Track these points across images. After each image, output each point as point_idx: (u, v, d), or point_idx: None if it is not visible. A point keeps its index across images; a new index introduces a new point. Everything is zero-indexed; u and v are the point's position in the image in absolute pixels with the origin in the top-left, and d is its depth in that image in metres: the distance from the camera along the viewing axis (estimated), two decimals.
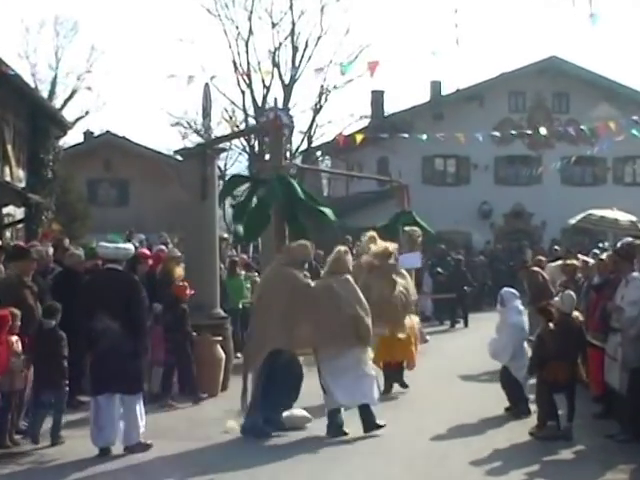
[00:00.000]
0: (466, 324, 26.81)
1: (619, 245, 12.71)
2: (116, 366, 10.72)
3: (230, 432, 11.95)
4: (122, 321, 10.86)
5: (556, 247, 29.54)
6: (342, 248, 12.54)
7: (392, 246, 14.86)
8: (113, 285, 11.04)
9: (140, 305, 11.17)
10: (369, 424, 11.83)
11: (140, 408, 11.05)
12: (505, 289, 13.96)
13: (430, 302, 27.77)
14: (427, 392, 15.16)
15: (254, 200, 13.49)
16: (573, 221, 23.44)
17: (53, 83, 41.81)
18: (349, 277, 12.20)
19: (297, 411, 12.48)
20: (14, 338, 11.17)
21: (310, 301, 11.81)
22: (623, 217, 21.91)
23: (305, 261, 12.60)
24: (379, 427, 11.86)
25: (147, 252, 16.69)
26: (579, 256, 17.55)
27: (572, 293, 12.21)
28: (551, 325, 11.72)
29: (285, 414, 12.34)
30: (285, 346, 11.86)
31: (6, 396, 11.09)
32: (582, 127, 25.37)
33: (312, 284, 12.12)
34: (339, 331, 11.63)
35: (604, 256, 13.91)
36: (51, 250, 16.03)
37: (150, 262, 15.71)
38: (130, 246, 12.07)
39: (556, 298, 12.64)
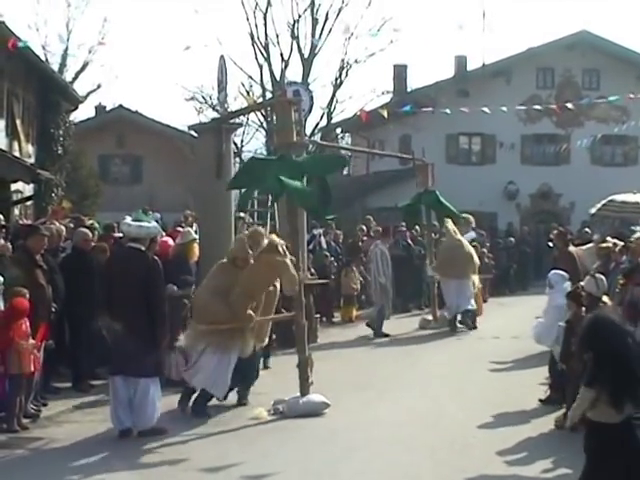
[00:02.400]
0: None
1: None
2: (132, 349, 10.75)
3: (259, 419, 12.00)
4: (140, 303, 10.88)
5: (587, 229, 29.37)
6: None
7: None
8: (132, 265, 11.04)
9: (158, 288, 11.19)
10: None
11: (155, 392, 11.06)
12: (554, 271, 13.96)
13: None
14: (449, 377, 15.14)
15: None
16: (594, 210, 23.31)
17: (64, 56, 41.70)
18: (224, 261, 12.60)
19: (315, 397, 12.51)
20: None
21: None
22: None
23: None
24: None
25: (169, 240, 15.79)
26: (609, 239, 17.41)
27: (603, 277, 12.09)
28: (582, 311, 11.56)
29: (303, 400, 12.38)
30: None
31: (15, 379, 11.13)
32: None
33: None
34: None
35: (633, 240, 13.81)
36: (64, 229, 16.02)
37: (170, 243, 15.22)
38: (154, 225, 11.98)
39: (581, 283, 12.49)
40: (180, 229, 16.08)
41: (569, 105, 28.43)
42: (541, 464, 9.87)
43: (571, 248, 18.08)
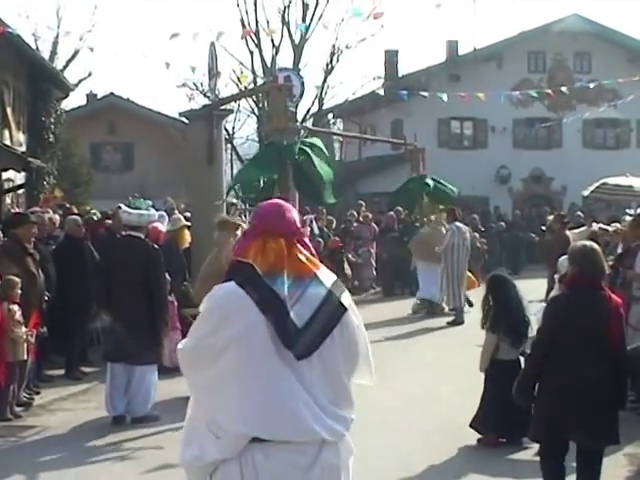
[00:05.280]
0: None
1: (639, 212, 12.66)
2: (131, 337, 10.75)
3: None
4: (140, 291, 10.90)
5: (579, 213, 29.42)
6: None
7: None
8: (133, 254, 11.04)
9: (160, 276, 11.23)
10: None
11: (151, 380, 11.06)
12: (564, 257, 13.95)
13: None
14: (443, 362, 15.17)
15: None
16: (587, 192, 23.32)
17: (54, 43, 41.56)
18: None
19: None
20: (15, 307, 11.19)
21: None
22: (638, 183, 21.76)
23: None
24: None
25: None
26: (595, 223, 17.46)
27: None
28: None
29: None
30: None
31: (9, 367, 11.12)
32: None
33: None
34: None
35: (625, 224, 13.84)
36: (57, 217, 15.99)
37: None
38: (152, 212, 11.97)
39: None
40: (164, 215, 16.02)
41: (563, 89, 28.39)
42: (535, 447, 9.88)
43: (566, 232, 18.17)
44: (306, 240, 4.65)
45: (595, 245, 7.74)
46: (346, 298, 4.58)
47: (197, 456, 4.50)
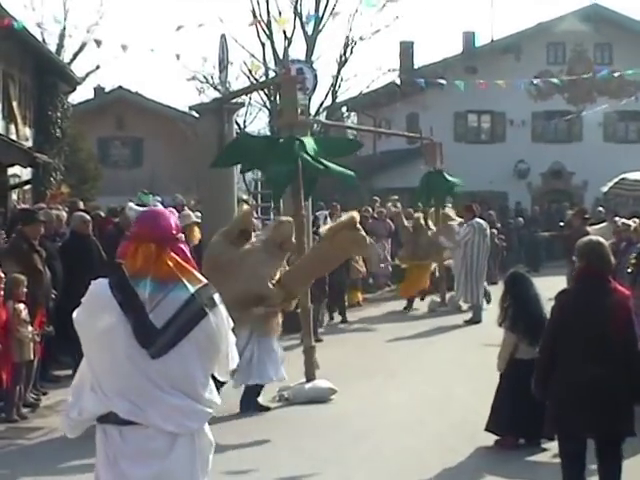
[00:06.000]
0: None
1: None
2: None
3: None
4: None
5: (600, 208, 29.33)
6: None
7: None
8: None
9: None
10: None
11: None
12: None
13: None
14: (459, 362, 15.16)
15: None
16: (605, 188, 23.25)
17: (61, 36, 41.57)
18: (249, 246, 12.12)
19: (322, 382, 12.51)
20: (21, 306, 11.22)
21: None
22: None
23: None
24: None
25: None
26: (617, 219, 17.40)
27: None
28: None
29: (309, 385, 12.40)
30: None
31: (16, 367, 11.16)
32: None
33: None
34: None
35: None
36: (64, 214, 16.01)
37: None
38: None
39: None
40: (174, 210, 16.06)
41: (585, 77, 28.30)
42: (553, 449, 9.87)
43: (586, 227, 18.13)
44: (182, 246, 5.17)
45: (602, 239, 7.90)
46: (214, 301, 5.10)
47: (79, 412, 5.23)
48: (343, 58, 39.49)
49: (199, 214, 16.36)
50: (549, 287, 14.51)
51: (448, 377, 13.92)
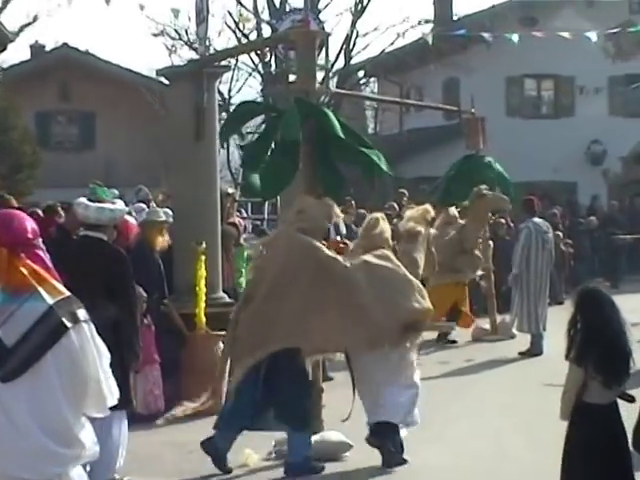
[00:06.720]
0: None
1: None
2: None
3: (249, 464, 11.99)
4: (101, 310, 10.87)
5: None
6: (378, 215, 12.74)
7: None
8: (89, 260, 11.03)
9: (127, 291, 11.17)
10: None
11: (118, 432, 11.04)
12: None
13: None
14: (511, 407, 15.19)
15: (274, 139, 13.40)
16: None
17: None
18: (389, 253, 12.28)
19: (332, 434, 12.51)
20: None
21: (342, 286, 11.77)
22: None
23: (326, 228, 12.70)
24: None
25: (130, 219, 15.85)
26: None
27: None
28: None
29: (316, 438, 12.38)
30: (301, 345, 11.73)
31: None
32: None
33: (346, 263, 12.03)
34: (380, 329, 11.67)
35: None
36: None
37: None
38: (120, 206, 11.93)
39: None
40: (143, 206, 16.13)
41: None
42: None
43: None
44: (40, 253, 5.44)
45: None
46: (77, 316, 5.43)
47: None
48: (360, 6, 39.54)
49: (169, 212, 16.37)
50: (633, 308, 14.63)
51: (499, 427, 13.96)
